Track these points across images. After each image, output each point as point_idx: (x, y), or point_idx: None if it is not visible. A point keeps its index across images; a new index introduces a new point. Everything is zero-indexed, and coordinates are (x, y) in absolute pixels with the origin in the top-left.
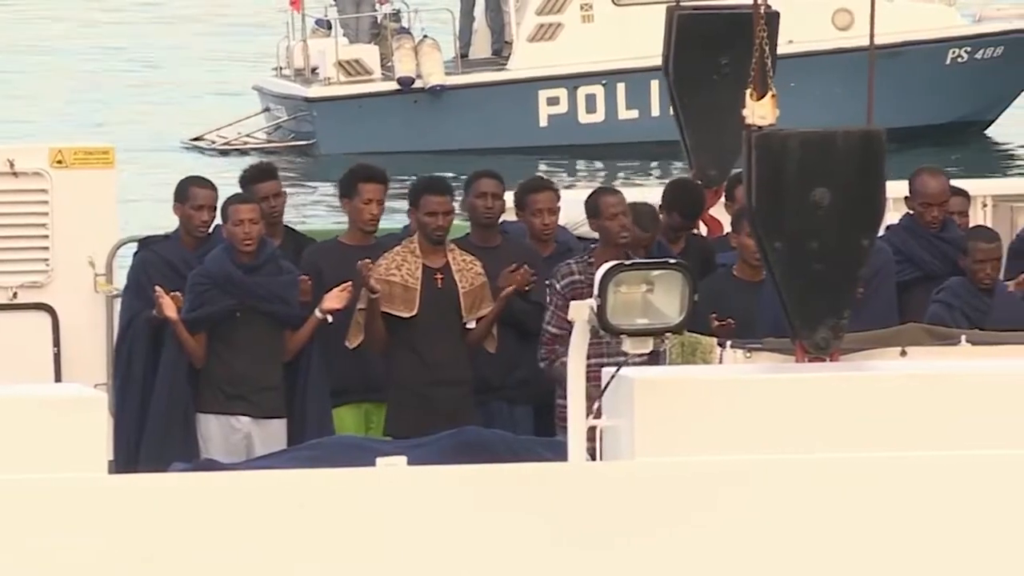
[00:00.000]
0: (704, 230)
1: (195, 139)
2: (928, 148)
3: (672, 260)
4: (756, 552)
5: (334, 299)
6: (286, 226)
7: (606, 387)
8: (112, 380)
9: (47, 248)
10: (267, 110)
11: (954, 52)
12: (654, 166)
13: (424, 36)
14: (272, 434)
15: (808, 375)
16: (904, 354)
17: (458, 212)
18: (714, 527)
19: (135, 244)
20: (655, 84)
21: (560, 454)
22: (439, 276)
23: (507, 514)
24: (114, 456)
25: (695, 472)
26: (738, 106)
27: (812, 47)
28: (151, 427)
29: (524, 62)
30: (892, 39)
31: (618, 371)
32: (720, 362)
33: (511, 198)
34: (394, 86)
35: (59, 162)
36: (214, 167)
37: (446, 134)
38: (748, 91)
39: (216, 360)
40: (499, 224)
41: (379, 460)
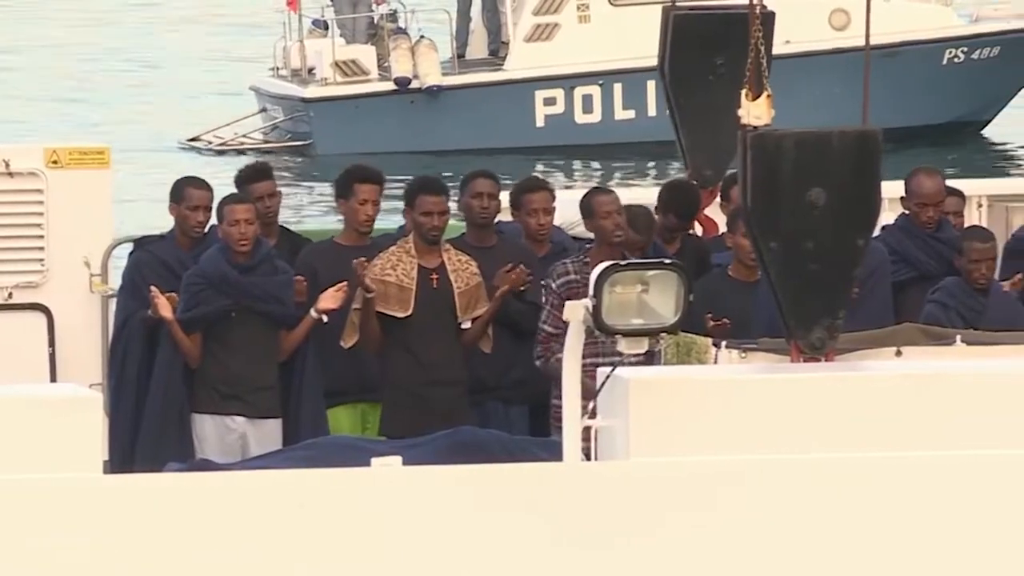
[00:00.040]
0: (700, 230)
1: (191, 139)
2: (924, 148)
3: (667, 260)
4: (751, 552)
5: (329, 299)
6: (281, 226)
7: (600, 387)
8: (107, 380)
9: (42, 248)
10: (264, 110)
11: (951, 52)
12: (650, 166)
13: (421, 36)
14: (267, 434)
15: (803, 375)
16: (899, 354)
17: (454, 212)
18: (709, 527)
19: (130, 244)
20: (651, 84)
21: (555, 454)
22: (434, 276)
23: (502, 514)
24: (109, 456)
25: (690, 472)
26: (734, 106)
27: (809, 47)
28: (146, 427)
29: (521, 62)
30: (889, 39)
31: (613, 371)
32: (715, 362)
33: (507, 198)
34: (391, 86)
35: (54, 162)
36: (210, 167)
37: (443, 134)
38: (744, 91)
39: (211, 360)
40: (495, 224)
41: (374, 460)
